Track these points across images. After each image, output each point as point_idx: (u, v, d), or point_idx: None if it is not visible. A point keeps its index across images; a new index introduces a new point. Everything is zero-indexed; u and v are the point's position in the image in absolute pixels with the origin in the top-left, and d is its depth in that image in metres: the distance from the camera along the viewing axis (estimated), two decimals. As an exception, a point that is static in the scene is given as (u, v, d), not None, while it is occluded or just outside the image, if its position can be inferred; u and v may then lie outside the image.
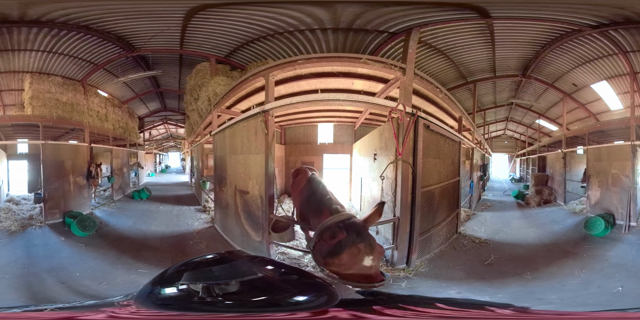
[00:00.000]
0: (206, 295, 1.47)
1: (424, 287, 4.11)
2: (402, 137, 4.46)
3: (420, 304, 1.82)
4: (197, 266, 1.75)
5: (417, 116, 4.55)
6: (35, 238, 5.69)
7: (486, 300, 1.81)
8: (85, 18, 5.86)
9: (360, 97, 4.81)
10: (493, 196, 9.50)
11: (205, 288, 1.49)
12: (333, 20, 5.65)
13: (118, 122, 8.70)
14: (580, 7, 5.29)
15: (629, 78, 6.61)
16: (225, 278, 1.52)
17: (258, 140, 4.91)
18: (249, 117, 5.12)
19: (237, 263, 1.80)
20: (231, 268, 1.70)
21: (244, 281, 1.52)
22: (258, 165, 4.96)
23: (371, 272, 2.85)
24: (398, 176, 4.58)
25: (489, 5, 5.24)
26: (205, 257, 1.93)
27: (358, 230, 2.98)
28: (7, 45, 6.14)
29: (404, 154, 4.49)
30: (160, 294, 1.59)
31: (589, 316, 1.90)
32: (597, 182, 6.65)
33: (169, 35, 6.51)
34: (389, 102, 4.69)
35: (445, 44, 6.82)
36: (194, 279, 1.54)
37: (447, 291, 4.00)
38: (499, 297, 3.83)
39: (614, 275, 4.40)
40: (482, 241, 5.86)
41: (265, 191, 4.78)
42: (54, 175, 6.45)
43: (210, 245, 5.68)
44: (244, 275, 1.56)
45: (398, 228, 4.62)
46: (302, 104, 4.81)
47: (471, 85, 8.27)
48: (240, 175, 5.61)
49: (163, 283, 1.63)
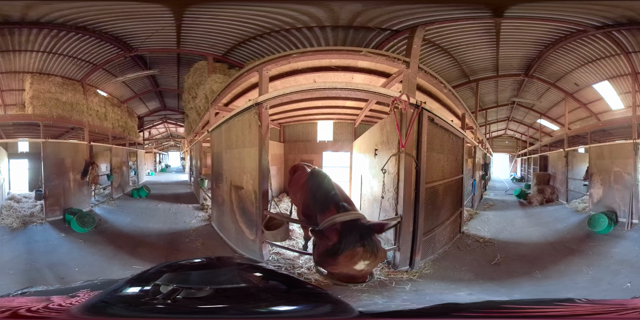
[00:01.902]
0: (165, 299, 1.38)
1: (430, 289, 3.97)
2: (406, 128, 4.17)
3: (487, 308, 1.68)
4: (179, 269, 1.71)
5: (421, 108, 4.25)
6: (36, 234, 5.74)
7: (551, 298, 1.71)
8: (82, 19, 5.90)
9: (361, 85, 4.48)
10: (495, 195, 9.46)
11: (169, 292, 1.41)
12: (331, 18, 5.61)
13: (117, 121, 8.77)
14: (588, 8, 5.30)
15: (630, 78, 6.63)
16: (200, 284, 1.46)
17: (252, 133, 4.70)
18: (243, 111, 4.95)
19: (221, 270, 1.74)
20: (211, 274, 1.64)
21: (219, 289, 1.44)
22: (252, 159, 4.74)
23: (359, 274, 2.77)
24: (401, 170, 4.27)
25: (506, 3, 5.21)
26: (192, 261, 1.89)
27: (362, 233, 2.81)
28: (8, 46, 6.20)
29: (407, 147, 4.19)
30: (125, 293, 1.52)
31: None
32: (599, 180, 6.63)
33: (165, 35, 6.55)
34: (392, 92, 4.39)
35: (450, 43, 6.81)
36: (169, 281, 1.48)
37: (455, 293, 3.89)
38: (516, 297, 3.76)
39: (620, 272, 4.36)
40: (486, 240, 5.75)
41: (259, 186, 4.54)
42: (54, 173, 6.52)
43: (205, 243, 5.61)
44: (222, 283, 1.50)
45: (400, 227, 4.29)
46: (296, 94, 4.48)
47: (473, 84, 8.26)
48: (235, 170, 5.48)
49: (138, 282, 1.57)
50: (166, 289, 1.42)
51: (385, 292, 3.82)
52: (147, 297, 1.39)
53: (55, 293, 1.84)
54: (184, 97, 8.70)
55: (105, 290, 1.56)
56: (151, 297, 1.38)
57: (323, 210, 3.32)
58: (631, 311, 1.39)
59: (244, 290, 1.49)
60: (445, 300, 3.63)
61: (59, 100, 7.09)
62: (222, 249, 5.43)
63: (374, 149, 5.45)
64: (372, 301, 3.47)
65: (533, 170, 9.99)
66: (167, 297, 1.38)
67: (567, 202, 7.78)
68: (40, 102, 6.89)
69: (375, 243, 2.82)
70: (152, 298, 1.38)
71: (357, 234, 2.79)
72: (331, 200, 3.35)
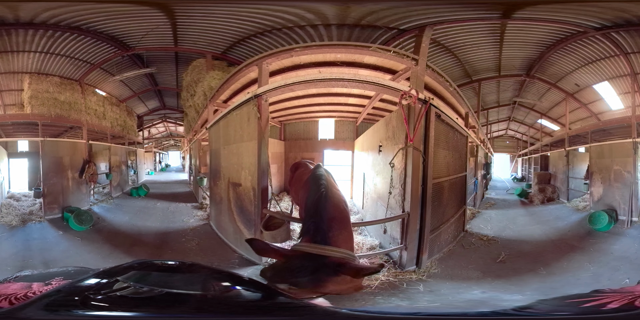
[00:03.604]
0: (106, 294, 1.37)
1: (445, 289, 3.97)
2: (414, 123, 4.14)
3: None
4: (147, 267, 1.68)
5: (429, 104, 4.26)
6: (34, 232, 5.81)
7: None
8: (74, 19, 5.90)
9: (369, 77, 4.34)
10: (496, 195, 9.51)
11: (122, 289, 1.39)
12: (341, 16, 5.59)
13: (116, 120, 8.75)
14: (587, 9, 5.35)
15: (629, 79, 6.69)
16: (154, 285, 1.41)
17: (251, 127, 4.53)
18: (242, 104, 4.81)
19: (188, 275, 1.68)
20: (172, 277, 1.61)
21: (170, 293, 1.39)
22: (251, 153, 4.55)
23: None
24: (408, 165, 4.23)
25: (516, 5, 5.24)
26: (165, 262, 1.84)
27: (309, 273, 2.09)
28: (6, 46, 6.21)
29: (415, 141, 4.15)
30: (81, 284, 1.49)
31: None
32: (599, 179, 6.71)
33: (161, 33, 6.54)
34: (401, 86, 4.33)
35: (455, 42, 6.87)
36: (130, 279, 1.46)
37: (470, 292, 3.90)
38: (528, 295, 3.78)
39: (620, 268, 4.50)
40: (489, 239, 5.81)
41: (258, 182, 4.36)
42: (53, 171, 6.56)
43: (201, 243, 5.60)
44: (175, 287, 1.44)
45: (407, 225, 4.23)
46: (299, 85, 4.33)
47: (476, 83, 8.31)
48: (233, 167, 5.35)
49: (106, 275, 1.54)
50: (120, 285, 1.40)
51: (400, 294, 3.78)
52: (92, 291, 1.38)
53: (37, 278, 1.88)
54: (183, 95, 8.67)
55: (71, 281, 1.56)
56: (95, 291, 1.38)
57: (302, 230, 2.75)
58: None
59: (195, 297, 1.43)
60: (465, 299, 3.63)
61: (57, 99, 7.12)
62: (221, 249, 5.39)
63: (378, 145, 5.40)
64: (392, 303, 3.45)
65: (534, 169, 10.03)
66: (109, 292, 1.37)
67: (568, 200, 7.81)
68: (39, 102, 6.93)
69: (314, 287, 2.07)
70: (95, 292, 1.37)
71: (302, 272, 2.11)
72: (312, 223, 2.58)
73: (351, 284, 2.18)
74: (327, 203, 2.74)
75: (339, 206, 2.82)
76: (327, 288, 2.08)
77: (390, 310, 2.20)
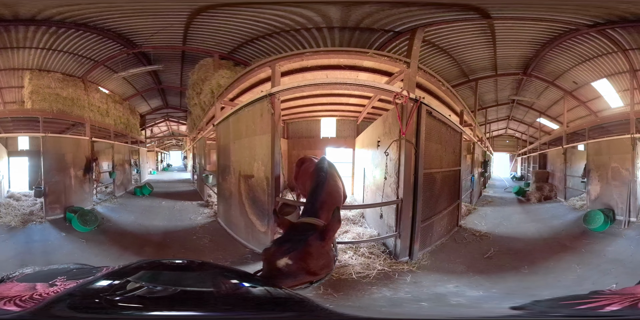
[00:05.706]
0: (122, 295, 1.35)
1: (427, 281, 4.06)
2: (406, 119, 4.66)
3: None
4: (156, 267, 1.66)
5: (420, 102, 4.72)
6: (35, 234, 5.57)
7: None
8: (81, 16, 5.88)
9: (368, 81, 5.04)
10: (494, 193, 9.57)
11: (131, 288, 1.38)
12: (342, 19, 5.77)
13: (119, 118, 8.66)
14: (569, 8, 5.42)
15: (628, 75, 6.66)
16: (163, 284, 1.42)
17: (264, 121, 4.99)
18: (255, 102, 5.24)
19: (197, 273, 1.67)
20: (183, 276, 1.59)
21: (180, 291, 1.38)
22: (264, 145, 5.00)
23: (277, 274, 2.08)
24: (401, 155, 4.71)
25: (488, 6, 5.40)
26: (173, 261, 1.81)
27: (295, 233, 2.35)
28: (5, 43, 6.13)
29: (407, 135, 4.66)
30: (94, 287, 1.48)
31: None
32: (597, 177, 6.61)
33: (172, 32, 6.57)
34: (394, 88, 4.89)
35: (448, 43, 6.93)
36: (139, 278, 1.45)
37: (446, 285, 3.94)
38: (492, 292, 3.72)
39: (610, 271, 4.28)
40: (482, 234, 5.87)
41: (272, 172, 4.78)
42: (55, 169, 6.32)
43: (213, 239, 5.57)
44: (187, 285, 1.45)
45: (401, 211, 4.66)
46: (309, 87, 5.00)
47: (473, 83, 8.34)
48: (244, 159, 5.61)
49: (116, 276, 1.53)
50: (133, 285, 1.39)
51: (390, 284, 3.92)
52: (108, 293, 1.36)
53: (39, 277, 1.83)
54: (188, 94, 8.68)
55: (80, 283, 1.53)
56: (110, 293, 1.35)
57: (302, 212, 3.11)
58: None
59: (207, 294, 1.45)
60: (432, 292, 3.67)
61: (59, 95, 6.96)
62: (232, 245, 5.36)
63: (377, 140, 5.74)
64: (381, 294, 3.52)
65: (532, 168, 10.04)
66: (124, 293, 1.34)
67: (565, 199, 7.83)
68: (40, 97, 6.76)
69: (303, 246, 2.22)
70: (111, 293, 1.35)
71: (291, 233, 2.37)
72: (309, 205, 3.08)
73: (322, 260, 2.23)
74: (322, 191, 3.23)
75: (332, 194, 3.35)
76: (304, 251, 2.16)
77: (393, 317, 2.24)
